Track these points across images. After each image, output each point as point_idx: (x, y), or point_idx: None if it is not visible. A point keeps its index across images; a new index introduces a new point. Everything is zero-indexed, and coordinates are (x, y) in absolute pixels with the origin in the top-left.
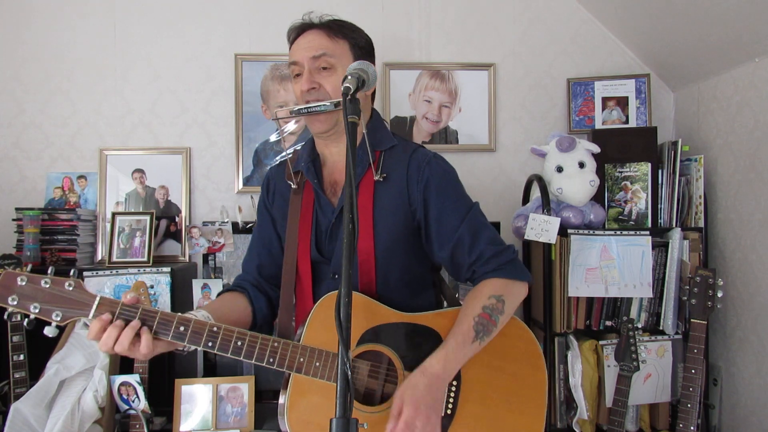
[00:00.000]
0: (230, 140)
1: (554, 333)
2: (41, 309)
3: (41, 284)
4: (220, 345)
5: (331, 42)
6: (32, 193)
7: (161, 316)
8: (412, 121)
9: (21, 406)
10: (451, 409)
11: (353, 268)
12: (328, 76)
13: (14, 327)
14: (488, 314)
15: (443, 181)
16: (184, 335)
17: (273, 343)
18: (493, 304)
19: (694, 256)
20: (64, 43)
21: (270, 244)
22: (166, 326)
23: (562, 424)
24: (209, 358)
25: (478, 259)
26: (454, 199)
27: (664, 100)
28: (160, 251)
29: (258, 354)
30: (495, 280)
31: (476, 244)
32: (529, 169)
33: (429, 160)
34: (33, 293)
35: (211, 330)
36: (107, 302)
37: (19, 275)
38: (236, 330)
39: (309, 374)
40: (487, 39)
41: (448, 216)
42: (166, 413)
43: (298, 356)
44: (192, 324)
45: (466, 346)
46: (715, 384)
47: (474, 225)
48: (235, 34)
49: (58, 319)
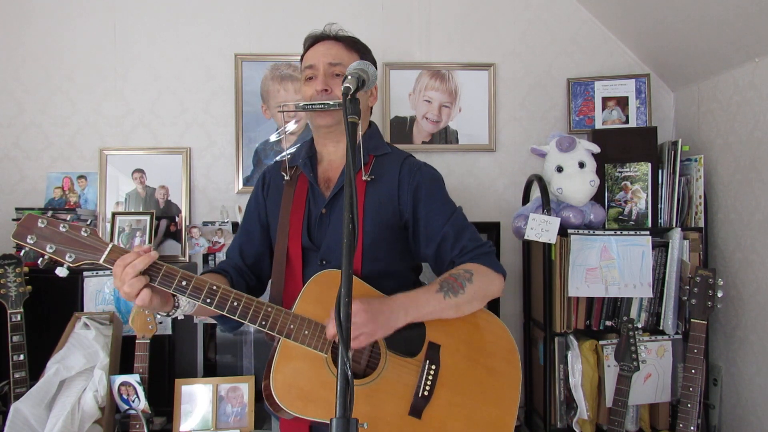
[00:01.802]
0: (230, 140)
1: (554, 333)
2: (56, 249)
3: (59, 228)
4: (217, 302)
5: (347, 53)
6: (32, 193)
7: (166, 269)
8: (412, 121)
9: (21, 406)
10: (428, 391)
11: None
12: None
13: (14, 327)
14: (454, 278)
15: (432, 186)
16: (185, 289)
17: (267, 307)
18: (461, 273)
19: (694, 256)
20: (64, 43)
21: (252, 234)
22: (169, 279)
23: (562, 424)
24: (209, 358)
25: (460, 252)
26: (441, 203)
27: (664, 100)
28: (160, 251)
29: (252, 315)
30: (470, 264)
31: (459, 240)
32: (529, 169)
33: (420, 166)
34: (51, 235)
35: (211, 288)
36: (118, 249)
37: (39, 218)
38: (234, 291)
39: (297, 341)
40: (487, 39)
41: (435, 216)
42: (166, 413)
43: (288, 323)
44: (194, 280)
45: (429, 292)
46: (715, 384)
47: (458, 224)
48: (235, 34)
49: (71, 260)
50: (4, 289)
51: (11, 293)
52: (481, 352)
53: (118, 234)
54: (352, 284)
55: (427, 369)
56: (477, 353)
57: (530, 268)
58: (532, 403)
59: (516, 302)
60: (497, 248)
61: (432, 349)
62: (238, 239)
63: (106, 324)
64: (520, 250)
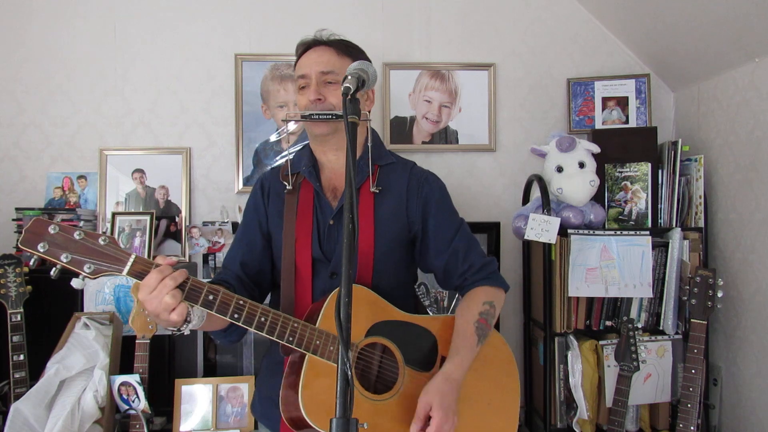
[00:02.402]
0: (230, 140)
1: (554, 333)
2: (72, 259)
3: (73, 236)
4: (245, 318)
5: (338, 59)
6: (32, 193)
7: (192, 282)
8: (412, 121)
9: (21, 406)
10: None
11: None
12: (334, 90)
13: (14, 327)
14: (485, 319)
15: (440, 197)
16: (211, 303)
17: (293, 323)
18: (488, 309)
19: (694, 256)
20: (64, 44)
21: (253, 244)
22: (196, 293)
23: (562, 424)
24: (209, 358)
25: (470, 268)
26: (449, 214)
27: (664, 100)
28: (160, 251)
29: (279, 331)
30: (486, 288)
31: (469, 255)
32: (529, 169)
33: (427, 177)
34: (64, 243)
35: (238, 302)
36: (142, 261)
37: (50, 224)
38: (260, 306)
39: (323, 357)
40: (487, 39)
41: (445, 228)
42: (166, 413)
43: (315, 339)
44: (221, 294)
45: (473, 350)
46: (715, 384)
47: (467, 237)
48: (235, 34)
49: (89, 271)
50: (4, 289)
51: (11, 293)
52: (486, 364)
53: (118, 234)
54: (352, 284)
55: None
56: (482, 365)
57: (530, 268)
58: (532, 403)
59: (516, 302)
60: (497, 248)
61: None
62: (237, 249)
63: (106, 324)
64: (520, 250)
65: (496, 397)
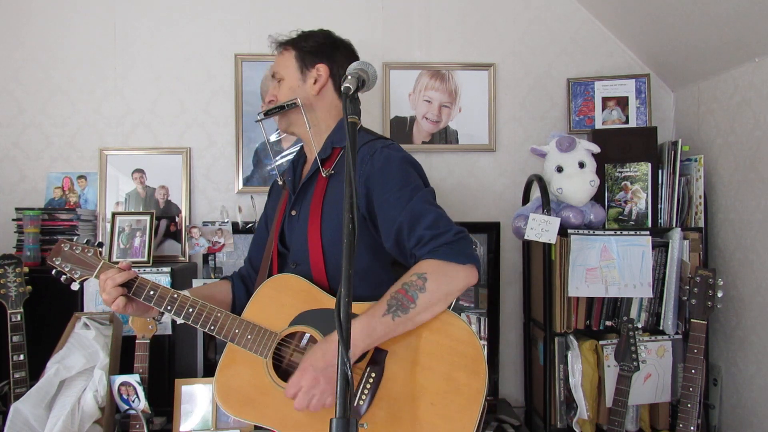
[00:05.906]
0: (230, 140)
1: (554, 333)
2: (70, 268)
3: (75, 251)
4: (176, 309)
5: (280, 57)
6: (32, 193)
7: (140, 280)
8: (412, 121)
9: (21, 406)
10: (364, 401)
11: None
12: (279, 87)
13: (14, 327)
14: (405, 290)
15: (384, 173)
16: (151, 298)
17: (216, 313)
18: (413, 280)
19: (694, 256)
20: (64, 44)
21: (260, 241)
22: (140, 289)
23: (562, 424)
24: (209, 358)
25: (417, 244)
26: (396, 189)
27: (664, 100)
28: (160, 251)
29: (203, 321)
30: (426, 261)
31: (415, 230)
32: (529, 169)
33: (374, 152)
34: (70, 257)
35: (172, 296)
36: (107, 266)
37: (65, 243)
38: (191, 299)
39: (240, 345)
40: (487, 39)
41: (389, 207)
42: (166, 413)
43: (234, 327)
44: (159, 290)
45: (375, 317)
46: (715, 384)
47: (414, 211)
48: (235, 34)
49: (77, 276)
50: (4, 289)
51: (11, 293)
52: (437, 358)
53: (118, 234)
54: (351, 284)
55: (366, 378)
56: (431, 359)
57: (530, 268)
58: (532, 403)
59: (516, 302)
60: (497, 248)
61: (377, 354)
62: (251, 247)
63: (106, 324)
64: (520, 250)
65: (442, 398)
